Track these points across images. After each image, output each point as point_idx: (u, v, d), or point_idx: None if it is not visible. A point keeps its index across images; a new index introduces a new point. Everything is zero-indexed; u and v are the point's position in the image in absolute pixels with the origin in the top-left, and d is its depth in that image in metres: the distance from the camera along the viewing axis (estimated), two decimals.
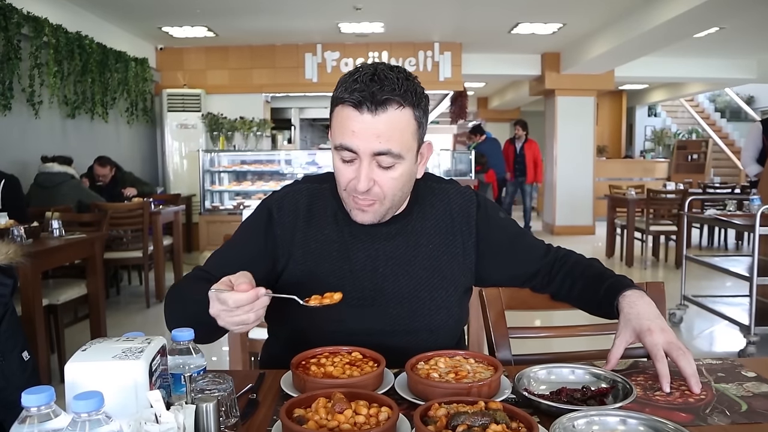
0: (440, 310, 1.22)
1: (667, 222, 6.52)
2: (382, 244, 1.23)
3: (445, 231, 1.27)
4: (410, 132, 1.13)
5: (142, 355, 0.74)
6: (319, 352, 1.08)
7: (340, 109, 1.11)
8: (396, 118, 1.09)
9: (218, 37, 7.68)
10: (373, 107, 1.07)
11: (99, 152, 6.14)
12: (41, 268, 3.08)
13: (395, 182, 1.14)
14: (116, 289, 5.61)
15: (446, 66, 8.41)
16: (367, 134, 1.08)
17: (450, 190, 1.31)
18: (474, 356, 1.05)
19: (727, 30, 7.00)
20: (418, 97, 1.12)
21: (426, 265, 1.23)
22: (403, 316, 1.21)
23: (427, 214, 1.27)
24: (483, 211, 1.30)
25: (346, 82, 1.11)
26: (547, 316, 3.91)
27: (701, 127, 14.67)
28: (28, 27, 5.22)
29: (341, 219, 1.24)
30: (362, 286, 1.21)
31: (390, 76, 1.09)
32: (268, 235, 1.25)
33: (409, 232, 1.25)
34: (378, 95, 1.07)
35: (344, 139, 1.10)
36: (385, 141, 1.09)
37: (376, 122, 1.08)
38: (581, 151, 9.32)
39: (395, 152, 1.10)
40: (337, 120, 1.13)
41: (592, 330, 1.39)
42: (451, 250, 1.26)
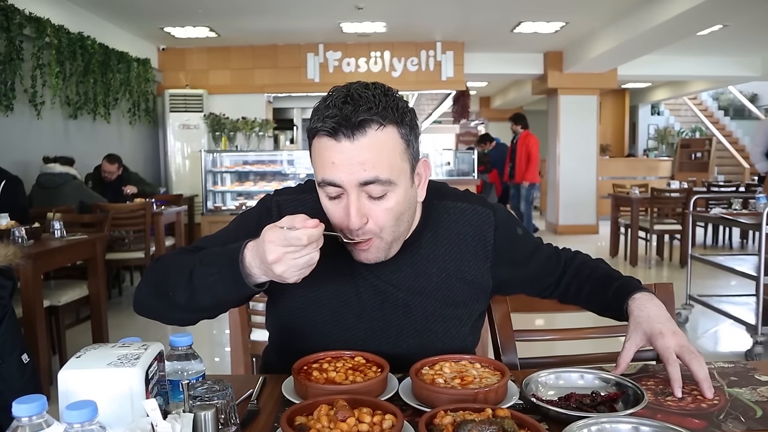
0: (454, 341, 1.15)
1: (671, 221, 6.48)
2: (389, 276, 1.13)
3: (459, 257, 1.17)
4: (398, 153, 1.00)
5: (138, 362, 0.71)
6: (321, 357, 1.05)
7: (317, 141, 1.00)
8: (379, 140, 0.97)
9: (220, 37, 7.67)
10: (350, 132, 0.96)
11: (101, 153, 6.12)
12: (42, 270, 3.06)
13: (390, 213, 1.02)
14: (118, 290, 5.59)
15: (448, 65, 8.38)
16: (349, 164, 0.96)
17: (466, 210, 1.19)
18: (480, 361, 1.02)
19: (730, 27, 6.96)
20: (400, 112, 1.00)
21: (437, 296, 1.15)
22: (415, 350, 1.11)
23: (439, 239, 1.16)
24: (501, 231, 1.20)
25: (318, 110, 1.00)
26: (554, 318, 3.87)
27: (705, 126, 14.61)
28: (30, 27, 5.21)
29: (345, 244, 1.10)
30: (370, 317, 1.13)
31: (365, 94, 0.98)
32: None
33: (419, 259, 1.15)
34: (353, 117, 0.95)
35: (325, 173, 0.99)
36: (371, 168, 0.97)
37: (356, 148, 0.96)
38: (584, 150, 9.28)
39: (384, 179, 0.98)
40: (316, 153, 1.01)
41: (599, 332, 1.37)
42: (465, 277, 1.17)
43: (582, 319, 1.34)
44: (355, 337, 1.12)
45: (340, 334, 1.12)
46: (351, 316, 1.12)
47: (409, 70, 8.37)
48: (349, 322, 1.12)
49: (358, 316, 1.12)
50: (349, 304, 1.12)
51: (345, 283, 1.12)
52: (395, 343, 1.13)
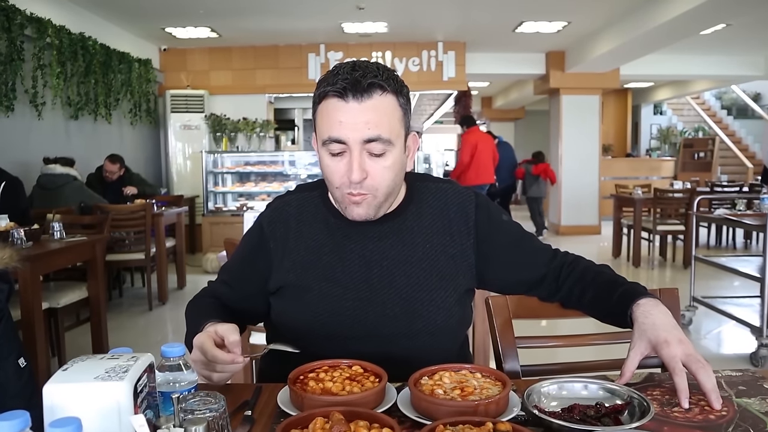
0: (440, 310, 1.18)
1: (674, 221, 6.44)
2: (376, 244, 1.20)
3: (442, 231, 1.23)
4: (397, 118, 1.12)
5: (126, 375, 0.69)
6: (317, 366, 1.02)
7: (324, 103, 1.11)
8: (382, 104, 1.09)
9: (221, 37, 7.65)
10: (359, 94, 1.07)
11: (102, 153, 6.11)
12: (41, 272, 3.04)
13: (388, 172, 1.12)
14: (119, 291, 5.58)
15: (450, 65, 8.35)
16: (356, 122, 1.07)
17: (448, 190, 1.27)
18: (480, 370, 1.00)
19: (734, 27, 6.93)
20: (399, 84, 1.13)
21: (423, 265, 1.19)
22: (401, 318, 1.16)
23: (423, 213, 1.24)
24: (483, 211, 1.26)
25: (326, 79, 1.11)
26: (556, 325, 3.84)
27: (708, 125, 14.55)
28: (31, 28, 5.19)
29: (332, 224, 1.22)
30: (357, 287, 1.17)
31: (370, 65, 1.11)
32: (262, 251, 1.25)
33: (404, 230, 1.21)
34: (362, 81, 1.07)
35: (332, 131, 1.09)
36: (374, 127, 1.08)
37: (363, 109, 1.07)
38: (586, 150, 9.25)
39: (385, 138, 1.09)
40: (322, 115, 1.12)
41: (603, 339, 1.34)
42: (448, 251, 1.22)
43: (585, 325, 1.31)
44: (342, 308, 1.16)
45: (327, 305, 1.17)
46: (338, 289, 1.17)
47: (410, 70, 8.34)
48: (336, 294, 1.17)
49: (344, 287, 1.17)
50: (335, 278, 1.18)
51: (332, 257, 1.19)
52: (381, 311, 1.16)
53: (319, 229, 1.23)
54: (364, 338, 1.16)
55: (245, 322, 1.33)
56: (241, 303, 1.28)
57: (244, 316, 1.30)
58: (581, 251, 1.34)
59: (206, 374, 1.01)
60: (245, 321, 1.33)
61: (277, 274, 1.22)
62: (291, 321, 1.20)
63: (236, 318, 1.27)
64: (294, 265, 1.20)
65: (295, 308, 1.19)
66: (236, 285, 1.28)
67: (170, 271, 5.60)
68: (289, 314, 1.20)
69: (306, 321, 1.17)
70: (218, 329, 1.04)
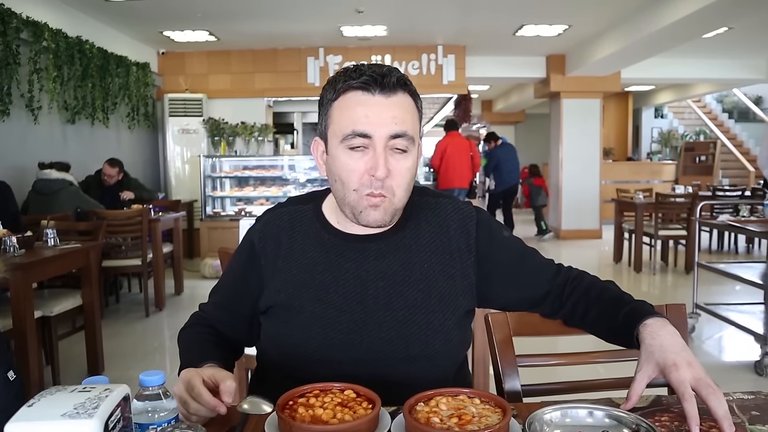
0: (438, 334, 1.12)
1: (676, 226, 6.38)
2: (372, 264, 1.13)
3: (442, 249, 1.17)
4: (417, 119, 1.11)
5: (96, 412, 0.64)
6: (308, 390, 0.97)
7: (345, 97, 1.06)
8: (406, 102, 1.08)
9: (220, 41, 7.61)
10: (386, 89, 1.04)
11: (100, 158, 6.08)
12: (33, 280, 2.99)
13: (408, 173, 1.09)
14: (116, 297, 5.53)
15: (450, 69, 8.31)
16: (383, 116, 1.04)
17: (448, 205, 1.21)
18: (479, 395, 0.94)
19: (736, 30, 6.87)
20: (415, 89, 1.12)
21: (421, 286, 1.13)
22: (398, 342, 1.10)
23: (421, 231, 1.17)
24: (484, 228, 1.20)
25: (344, 73, 1.07)
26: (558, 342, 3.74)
27: (709, 129, 14.51)
28: (27, 32, 5.15)
29: (326, 240, 1.15)
30: (352, 309, 1.11)
31: (387, 66, 1.08)
32: (253, 268, 1.18)
33: (402, 249, 1.15)
34: (389, 77, 1.05)
35: (357, 125, 1.04)
36: (401, 122, 1.05)
37: (390, 104, 1.05)
38: (587, 154, 9.21)
39: (410, 134, 1.06)
40: (343, 109, 1.06)
41: (607, 356, 1.28)
42: (448, 270, 1.16)
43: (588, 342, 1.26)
44: (336, 331, 1.10)
45: (320, 328, 1.11)
46: (332, 311, 1.11)
47: (410, 73, 8.29)
48: (330, 316, 1.11)
49: (338, 309, 1.11)
50: (329, 299, 1.12)
51: (326, 277, 1.13)
52: (377, 335, 1.10)
53: (312, 245, 1.16)
54: (358, 362, 1.10)
55: (243, 345, 1.29)
56: (236, 326, 1.23)
57: (240, 341, 1.26)
58: (582, 256, 1.29)
59: (184, 413, 0.95)
60: (243, 344, 1.28)
61: (268, 292, 1.16)
62: (281, 343, 1.14)
63: (233, 347, 1.25)
64: (285, 284, 1.14)
65: (285, 330, 1.13)
66: (229, 306, 1.22)
67: (168, 276, 5.54)
68: (280, 336, 1.14)
69: (297, 344, 1.11)
70: (216, 375, 0.98)
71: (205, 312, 1.26)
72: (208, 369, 1.01)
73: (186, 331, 1.23)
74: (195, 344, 1.18)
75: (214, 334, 1.22)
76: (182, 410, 0.95)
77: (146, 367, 3.84)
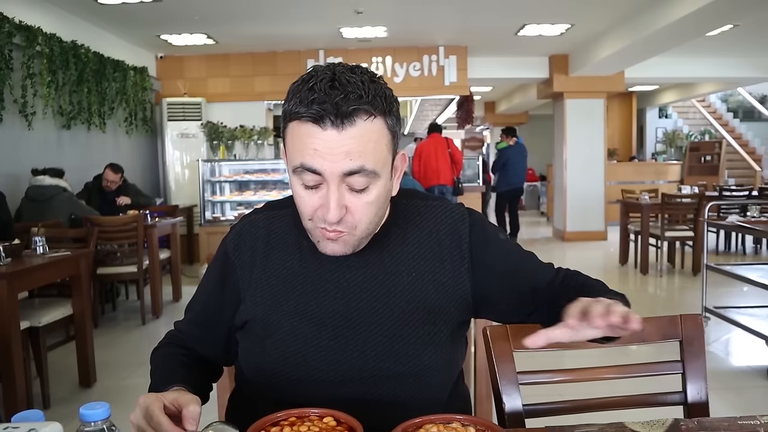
0: (426, 348, 1.01)
1: (682, 227, 6.26)
2: (355, 274, 1.03)
3: (431, 256, 1.06)
4: (384, 144, 0.93)
5: None
6: (282, 418, 0.86)
7: (296, 125, 0.91)
8: (367, 131, 0.90)
9: (218, 44, 7.54)
10: (339, 121, 0.88)
11: (96, 164, 6.01)
12: (19, 290, 2.88)
13: (370, 207, 0.95)
14: (112, 305, 5.44)
15: (451, 70, 8.21)
16: (334, 153, 0.89)
17: (437, 208, 1.10)
18: (475, 423, 0.83)
19: (741, 27, 6.77)
20: (388, 102, 0.93)
21: (408, 297, 1.03)
22: (384, 359, 1.00)
23: (408, 237, 1.07)
24: (478, 231, 1.09)
25: (299, 92, 0.90)
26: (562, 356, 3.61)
27: (714, 128, 14.37)
28: (20, 36, 5.07)
29: (305, 247, 1.05)
30: (334, 324, 1.01)
31: (353, 80, 0.89)
32: (229, 280, 1.09)
33: (387, 257, 1.05)
34: (343, 106, 0.87)
35: (305, 159, 0.90)
36: (357, 157, 0.89)
37: (343, 138, 0.88)
38: (591, 155, 9.09)
39: (369, 169, 0.91)
40: (294, 137, 0.93)
41: (616, 372, 1.18)
42: (439, 279, 1.05)
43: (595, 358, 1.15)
44: (317, 347, 1.00)
45: (300, 345, 1.01)
46: (312, 326, 1.01)
47: (411, 75, 8.21)
48: (310, 332, 1.01)
49: (319, 324, 1.01)
50: (309, 312, 1.02)
51: (306, 289, 1.03)
52: (361, 351, 1.00)
53: (290, 254, 1.06)
54: (341, 381, 1.00)
55: (221, 365, 1.19)
56: (213, 344, 1.13)
57: (217, 360, 1.15)
58: (588, 258, 1.18)
59: None
60: (220, 364, 1.18)
61: (244, 306, 1.06)
62: (258, 362, 1.04)
63: (209, 368, 1.15)
64: (262, 297, 1.04)
65: (262, 347, 1.03)
66: (204, 323, 1.12)
67: (165, 283, 5.45)
68: (257, 354, 1.04)
69: (275, 362, 1.01)
70: (179, 399, 0.87)
71: (180, 331, 1.16)
72: (171, 393, 0.90)
73: (157, 352, 1.13)
74: (161, 366, 1.07)
75: (186, 354, 1.12)
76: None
77: (142, 376, 3.75)
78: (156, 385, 0.99)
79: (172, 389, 0.93)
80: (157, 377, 1.03)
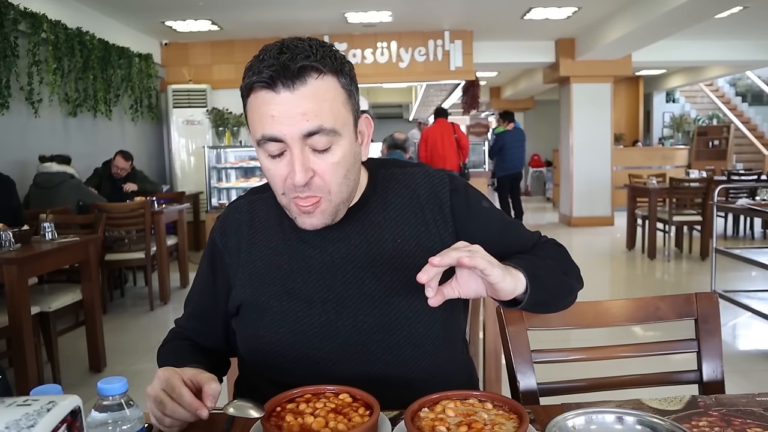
0: (420, 316, 1.00)
1: (690, 212, 6.23)
2: (338, 246, 1.03)
3: (415, 221, 1.05)
4: (340, 102, 0.94)
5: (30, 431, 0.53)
6: (298, 394, 0.86)
7: (253, 97, 0.93)
8: (320, 89, 0.91)
9: (223, 30, 7.50)
10: (289, 82, 0.89)
11: (103, 151, 6.02)
12: (28, 275, 2.90)
13: (337, 168, 0.95)
14: (120, 291, 5.47)
15: (457, 55, 8.15)
16: (290, 114, 0.90)
17: (416, 174, 1.10)
18: (492, 399, 0.83)
19: (751, 9, 6.67)
20: (338, 62, 0.94)
21: (396, 264, 1.02)
22: (377, 330, 0.99)
23: (389, 204, 1.06)
24: (460, 196, 1.08)
25: (252, 66, 0.93)
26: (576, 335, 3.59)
27: (722, 112, 14.24)
28: (25, 23, 5.05)
29: (287, 226, 1.05)
30: (322, 299, 1.01)
31: (300, 44, 0.91)
32: (219, 268, 1.10)
33: (369, 226, 1.04)
34: (291, 65, 0.88)
35: (265, 128, 0.91)
36: (313, 117, 0.90)
37: (296, 98, 0.89)
38: (598, 140, 9.04)
39: (328, 128, 0.91)
40: (253, 110, 0.93)
41: (632, 351, 1.17)
42: (425, 244, 1.04)
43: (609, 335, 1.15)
44: (308, 324, 1.00)
45: (290, 324, 1.01)
46: (300, 303, 1.01)
47: (416, 60, 8.15)
48: (299, 310, 1.01)
49: (308, 301, 1.01)
50: (296, 290, 1.02)
51: (291, 266, 1.03)
52: (353, 324, 1.00)
53: (273, 233, 1.07)
54: (338, 358, 1.00)
55: (227, 357, 1.19)
56: (213, 335, 1.13)
57: (221, 350, 1.16)
58: (594, 243, 1.18)
59: (158, 416, 0.84)
60: (225, 355, 1.18)
61: (235, 291, 1.07)
62: (253, 345, 1.04)
63: (218, 359, 1.15)
64: (250, 280, 1.05)
65: (255, 330, 1.04)
66: (202, 315, 1.14)
67: (173, 269, 5.47)
68: (251, 337, 1.05)
69: (269, 344, 1.02)
70: (198, 376, 0.87)
71: (180, 326, 1.17)
72: (190, 370, 0.90)
73: (164, 347, 1.14)
74: (171, 356, 1.08)
75: (193, 345, 1.13)
76: (156, 412, 0.84)
77: (150, 361, 3.77)
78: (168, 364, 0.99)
79: (189, 368, 0.93)
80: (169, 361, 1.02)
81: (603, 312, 1.18)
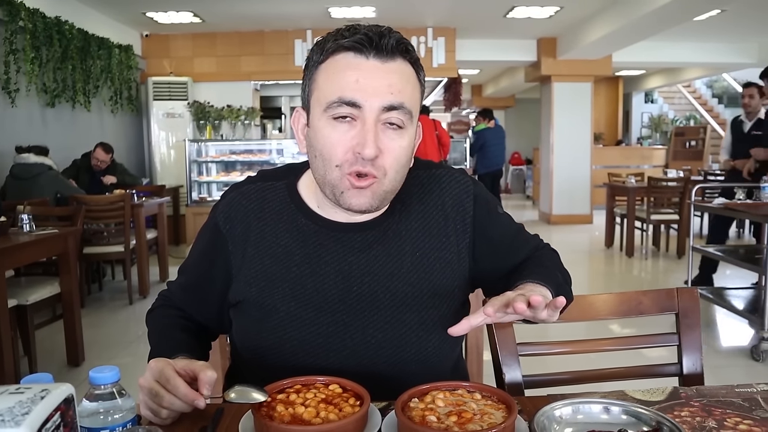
0: (431, 333, 0.98)
1: (668, 210, 6.33)
2: (357, 256, 0.98)
3: (437, 232, 1.01)
4: (418, 93, 0.93)
5: (25, 419, 0.53)
6: (288, 385, 0.87)
7: (333, 60, 0.90)
8: (405, 71, 0.90)
9: (205, 23, 7.42)
10: (383, 53, 0.88)
11: (81, 142, 5.93)
12: (5, 267, 2.84)
13: (403, 153, 0.92)
14: (99, 285, 5.40)
15: (440, 52, 8.16)
16: (376, 84, 0.87)
17: (442, 177, 1.05)
18: (480, 389, 0.84)
19: (728, 12, 6.80)
20: (419, 60, 0.94)
21: (411, 279, 0.98)
22: (386, 346, 0.97)
23: (413, 213, 1.02)
24: (482, 204, 1.05)
25: (335, 33, 0.90)
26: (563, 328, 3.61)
27: (699, 113, 14.47)
28: (2, 11, 4.96)
29: (303, 227, 1.00)
30: (332, 309, 0.97)
31: (389, 27, 0.90)
32: (220, 253, 1.03)
33: (391, 237, 0.99)
34: (387, 38, 0.88)
35: (344, 91, 0.87)
36: (398, 92, 0.88)
37: (386, 71, 0.88)
38: (578, 139, 9.13)
39: (408, 107, 0.89)
40: (329, 73, 0.90)
41: (617, 344, 1.19)
42: (444, 256, 1.00)
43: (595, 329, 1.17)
44: (314, 334, 0.96)
45: (296, 331, 0.97)
46: (309, 311, 0.97)
47: None
48: (307, 317, 0.97)
49: (317, 309, 0.97)
50: (306, 297, 0.97)
51: (303, 270, 0.98)
52: (362, 338, 0.97)
53: (286, 231, 1.00)
54: (340, 370, 0.96)
55: (215, 331, 1.14)
56: (204, 311, 1.08)
57: (210, 326, 1.11)
58: (573, 241, 1.19)
59: (153, 408, 0.83)
60: (214, 330, 1.13)
61: (236, 284, 1.01)
62: (253, 344, 1.00)
63: (206, 330, 1.11)
64: (256, 278, 0.99)
65: (257, 331, 0.99)
66: (195, 291, 1.08)
67: (153, 263, 5.41)
68: (251, 337, 1.01)
69: (271, 347, 0.98)
70: (191, 365, 0.86)
71: (172, 293, 1.12)
72: (182, 360, 0.89)
73: (154, 313, 1.11)
74: (162, 331, 1.05)
75: (183, 317, 1.09)
76: (151, 404, 0.83)
77: (129, 356, 3.73)
78: (159, 349, 0.98)
79: (181, 357, 0.93)
80: (160, 342, 1.01)
81: (587, 306, 1.20)
